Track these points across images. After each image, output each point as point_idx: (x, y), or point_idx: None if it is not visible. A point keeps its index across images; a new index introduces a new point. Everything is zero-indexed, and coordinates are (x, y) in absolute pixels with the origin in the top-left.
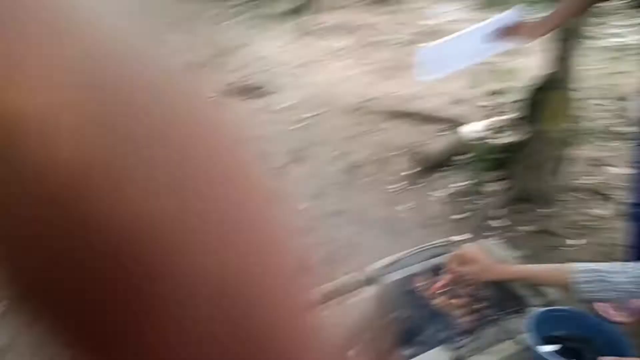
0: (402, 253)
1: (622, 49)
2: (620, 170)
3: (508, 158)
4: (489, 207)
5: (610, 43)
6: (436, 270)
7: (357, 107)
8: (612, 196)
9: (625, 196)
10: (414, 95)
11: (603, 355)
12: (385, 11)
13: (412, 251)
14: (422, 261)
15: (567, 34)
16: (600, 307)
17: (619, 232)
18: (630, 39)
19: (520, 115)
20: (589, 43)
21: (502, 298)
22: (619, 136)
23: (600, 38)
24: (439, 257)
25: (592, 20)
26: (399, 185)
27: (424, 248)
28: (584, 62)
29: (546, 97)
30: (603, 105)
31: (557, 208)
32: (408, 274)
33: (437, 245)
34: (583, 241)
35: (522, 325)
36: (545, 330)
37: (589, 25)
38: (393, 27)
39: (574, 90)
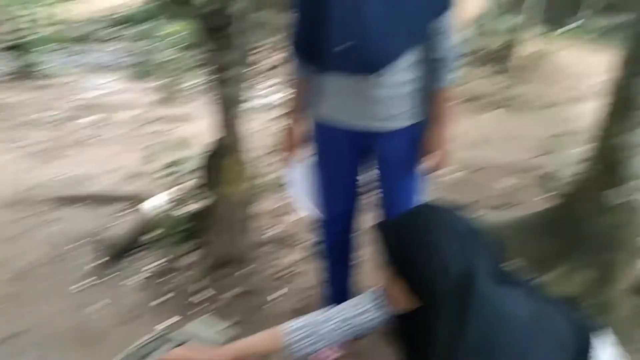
0: None
1: (269, 107)
2: (296, 217)
3: (197, 227)
4: (189, 281)
5: (259, 103)
6: None
7: (18, 199)
8: (296, 242)
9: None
10: (84, 176)
11: None
12: (33, 87)
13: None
14: None
15: (226, 102)
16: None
17: (312, 273)
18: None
19: (200, 182)
20: (244, 106)
21: None
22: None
23: (251, 100)
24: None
25: (244, 85)
26: (84, 282)
27: (135, 348)
28: (246, 124)
29: (221, 163)
30: (270, 160)
31: (253, 265)
32: None
33: (147, 342)
34: (284, 291)
35: None
36: None
37: (242, 91)
38: (46, 104)
39: (244, 151)
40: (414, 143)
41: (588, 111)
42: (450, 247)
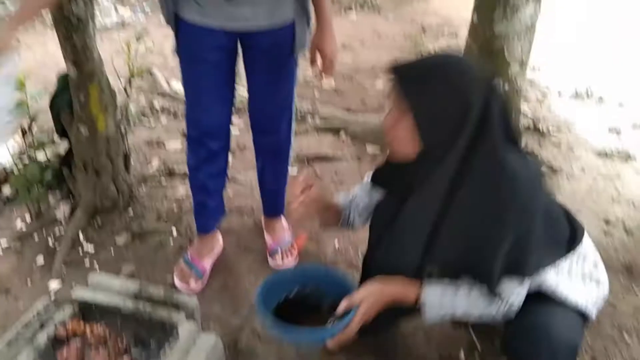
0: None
1: (120, 27)
2: (176, 145)
3: (64, 172)
4: (69, 235)
5: (102, 23)
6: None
7: None
8: (182, 171)
9: None
10: None
11: (335, 297)
12: None
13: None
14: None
15: (75, 24)
16: None
17: None
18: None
19: (59, 121)
20: (95, 26)
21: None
22: (163, 111)
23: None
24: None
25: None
26: None
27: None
28: (94, 48)
29: (79, 96)
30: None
31: (138, 206)
32: None
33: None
34: (174, 229)
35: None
36: (279, 293)
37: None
38: None
39: (104, 79)
40: (286, 44)
41: (455, 4)
42: (474, 92)
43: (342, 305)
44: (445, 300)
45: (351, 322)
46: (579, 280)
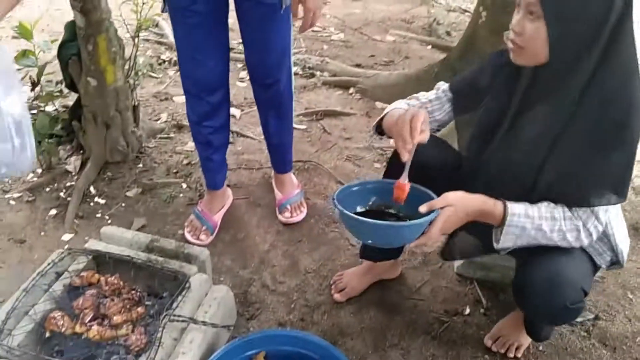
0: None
1: None
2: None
3: (73, 126)
4: (82, 187)
5: None
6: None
7: None
8: (186, 124)
9: None
10: None
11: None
12: None
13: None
14: (44, 295)
15: None
16: None
17: None
18: None
19: (68, 73)
20: None
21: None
22: (170, 63)
23: None
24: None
25: None
26: None
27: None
28: None
29: (86, 47)
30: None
31: (147, 158)
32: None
33: (51, 264)
34: (184, 183)
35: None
36: (356, 204)
37: None
38: None
39: (111, 29)
40: None
41: None
42: None
43: (425, 206)
44: (530, 219)
45: (434, 225)
46: (624, 227)
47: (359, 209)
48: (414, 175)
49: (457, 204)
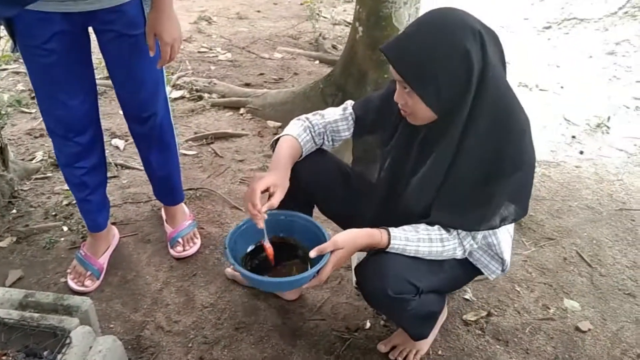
0: None
1: None
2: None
3: None
4: None
5: None
6: None
7: None
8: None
9: None
10: None
11: (307, 244)
12: None
13: None
14: None
15: None
16: None
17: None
18: None
19: None
20: None
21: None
22: None
23: None
24: None
25: None
26: None
27: None
28: None
29: None
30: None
31: (22, 203)
32: None
33: None
34: (64, 226)
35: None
36: (251, 241)
37: None
38: None
39: None
40: (138, 21)
41: None
42: (471, 49)
43: (315, 251)
44: (410, 237)
45: (325, 269)
46: (509, 235)
47: (251, 248)
48: (303, 198)
49: (347, 245)
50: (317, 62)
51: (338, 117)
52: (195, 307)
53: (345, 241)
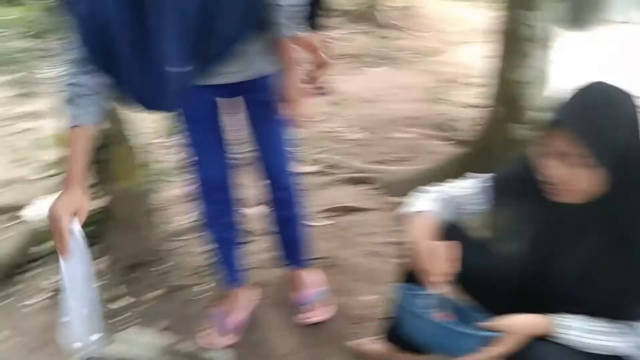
0: None
1: None
2: None
3: (97, 230)
4: (103, 290)
5: None
6: None
7: None
8: None
9: None
10: None
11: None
12: None
13: None
14: None
15: None
16: None
17: None
18: None
19: (93, 179)
20: None
21: None
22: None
23: None
24: None
25: None
26: None
27: None
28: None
29: (112, 155)
30: (161, 143)
31: (170, 261)
32: None
33: None
34: (208, 281)
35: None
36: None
37: None
38: None
39: (132, 138)
40: (271, 92)
41: (468, 55)
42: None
43: (488, 323)
44: (583, 327)
45: (491, 350)
46: None
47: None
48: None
49: (523, 331)
50: (442, 142)
51: (473, 190)
52: None
53: (523, 326)
